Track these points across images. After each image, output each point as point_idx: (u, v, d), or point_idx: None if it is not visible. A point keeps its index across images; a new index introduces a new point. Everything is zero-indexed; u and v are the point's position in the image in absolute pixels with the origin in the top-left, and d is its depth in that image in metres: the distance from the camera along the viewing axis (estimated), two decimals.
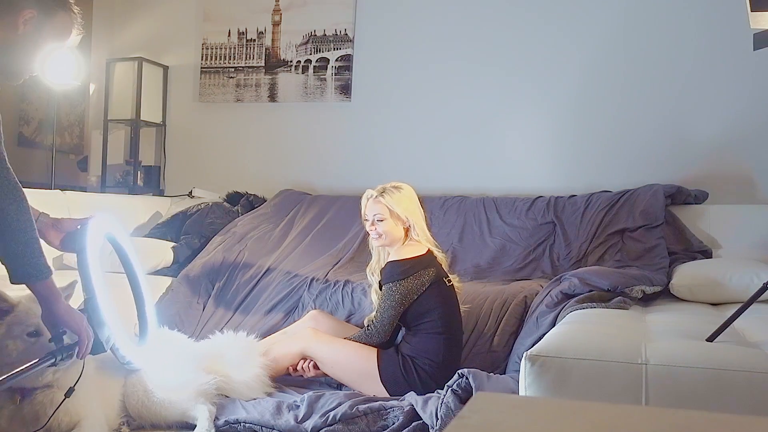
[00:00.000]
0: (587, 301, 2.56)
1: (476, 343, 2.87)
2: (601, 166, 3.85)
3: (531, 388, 1.67)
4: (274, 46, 4.56)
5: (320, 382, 2.76)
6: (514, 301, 2.94)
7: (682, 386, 1.57)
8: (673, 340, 1.84)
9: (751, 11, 1.84)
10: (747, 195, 3.60)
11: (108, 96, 4.68)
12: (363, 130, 4.35)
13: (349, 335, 2.76)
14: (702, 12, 3.73)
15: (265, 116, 4.58)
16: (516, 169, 4.01)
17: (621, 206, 3.50)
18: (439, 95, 4.17)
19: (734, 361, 1.60)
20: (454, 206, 3.82)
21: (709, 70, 3.71)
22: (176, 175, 4.72)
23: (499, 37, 4.08)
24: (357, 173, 4.25)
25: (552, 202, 3.66)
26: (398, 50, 4.28)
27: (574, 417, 0.80)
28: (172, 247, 3.75)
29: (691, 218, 3.46)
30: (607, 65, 3.89)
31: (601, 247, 3.39)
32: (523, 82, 4.03)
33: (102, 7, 4.91)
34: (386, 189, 2.78)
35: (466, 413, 0.78)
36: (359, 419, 2.27)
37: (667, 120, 3.77)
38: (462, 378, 2.29)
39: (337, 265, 3.60)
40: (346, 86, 4.38)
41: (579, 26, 3.94)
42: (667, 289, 2.95)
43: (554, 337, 1.90)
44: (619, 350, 1.69)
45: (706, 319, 2.31)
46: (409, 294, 2.64)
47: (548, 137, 4.00)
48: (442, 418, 2.18)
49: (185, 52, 4.75)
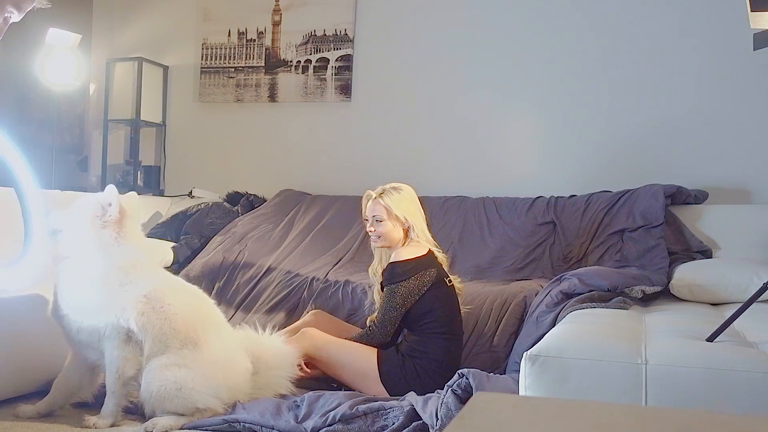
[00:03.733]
0: (587, 301, 2.56)
1: (476, 343, 2.87)
2: (601, 166, 3.85)
3: (531, 388, 1.67)
4: (274, 46, 4.56)
5: (320, 382, 2.76)
6: (514, 301, 2.94)
7: (682, 386, 1.57)
8: (673, 340, 1.84)
9: (751, 11, 1.84)
10: (747, 195, 3.60)
11: (108, 96, 4.68)
12: (363, 130, 4.35)
13: (349, 335, 2.77)
14: (702, 12, 3.73)
15: (265, 116, 4.58)
16: (516, 169, 4.01)
17: (621, 206, 3.50)
18: (439, 95, 4.17)
19: (734, 361, 1.60)
20: (454, 206, 3.82)
21: (709, 70, 3.71)
22: (176, 175, 4.72)
23: (499, 38, 4.08)
24: (357, 173, 4.24)
25: (552, 202, 3.66)
26: (398, 50, 4.28)
27: (574, 417, 0.80)
28: (172, 247, 3.76)
29: (691, 218, 3.46)
30: (607, 65, 3.89)
31: (601, 247, 3.38)
32: (523, 82, 4.03)
33: (102, 7, 4.91)
34: (386, 190, 2.79)
35: (466, 413, 0.79)
36: (359, 419, 2.27)
37: (667, 120, 3.77)
38: (462, 378, 2.29)
39: (337, 265, 3.60)
40: (346, 86, 4.38)
41: (579, 26, 3.94)
42: (667, 289, 2.95)
43: (554, 337, 1.90)
44: (619, 350, 1.69)
45: (706, 319, 2.31)
46: (410, 295, 2.64)
47: (548, 137, 4.00)
48: (442, 418, 2.18)
49: (185, 52, 4.75)
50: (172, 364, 2.26)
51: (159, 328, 2.29)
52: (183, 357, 2.28)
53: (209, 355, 2.33)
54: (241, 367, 2.45)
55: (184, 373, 2.25)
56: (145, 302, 2.30)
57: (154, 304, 2.31)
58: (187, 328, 2.32)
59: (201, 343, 2.33)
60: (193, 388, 2.24)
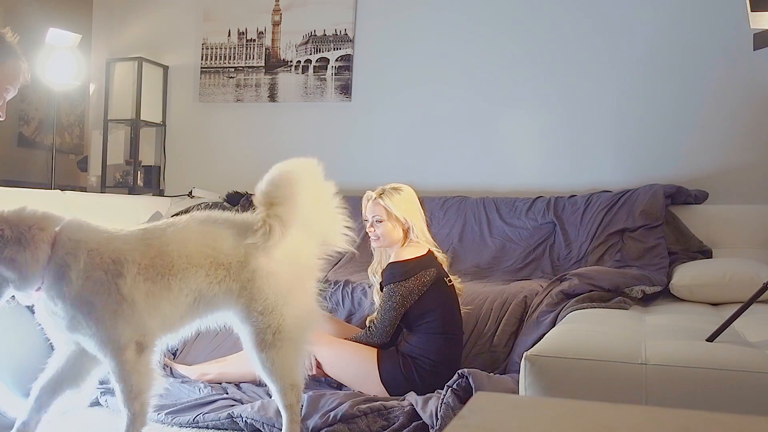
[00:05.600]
0: (587, 301, 2.56)
1: (476, 343, 2.87)
2: (601, 166, 3.85)
3: (531, 388, 1.67)
4: (274, 46, 4.56)
5: (320, 382, 2.76)
6: (514, 301, 2.94)
7: (682, 386, 1.57)
8: (673, 340, 1.84)
9: (751, 11, 1.84)
10: (747, 195, 3.60)
11: (108, 96, 4.68)
12: (363, 130, 4.35)
13: (349, 335, 2.77)
14: (702, 12, 3.73)
15: (265, 116, 4.58)
16: (516, 169, 4.01)
17: (621, 206, 3.50)
18: (439, 95, 4.17)
19: (734, 361, 1.60)
20: (454, 206, 3.82)
21: (709, 70, 3.71)
22: (176, 175, 4.72)
23: (498, 37, 4.08)
24: (357, 173, 4.24)
25: (552, 202, 3.66)
26: (398, 50, 4.28)
27: (574, 417, 0.80)
28: None
29: (691, 218, 3.46)
30: (607, 65, 3.88)
31: (601, 247, 3.38)
32: (524, 81, 4.03)
33: (102, 7, 4.91)
34: (385, 191, 2.79)
35: (466, 413, 0.79)
36: (359, 419, 2.27)
37: (667, 120, 3.77)
38: (462, 378, 2.30)
39: (337, 265, 3.59)
40: (346, 86, 4.38)
41: (579, 27, 3.94)
42: (667, 289, 2.95)
43: (554, 337, 1.90)
44: (619, 350, 1.69)
45: (706, 319, 2.31)
46: (410, 295, 2.64)
47: (548, 137, 4.00)
48: (442, 418, 2.19)
49: (185, 52, 4.75)
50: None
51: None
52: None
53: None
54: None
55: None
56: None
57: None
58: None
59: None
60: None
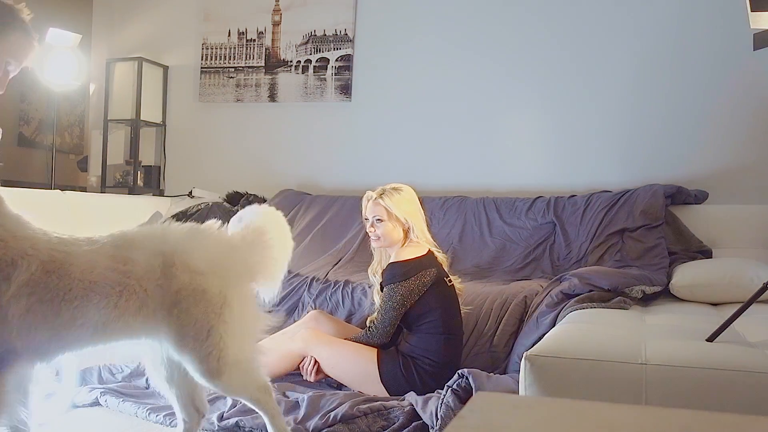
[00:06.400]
0: (587, 301, 2.56)
1: (476, 343, 2.87)
2: (601, 166, 3.85)
3: (531, 388, 1.67)
4: (274, 46, 4.56)
5: (321, 383, 2.76)
6: (514, 301, 2.94)
7: (682, 386, 1.57)
8: (672, 340, 1.84)
9: (751, 11, 1.84)
10: (747, 195, 3.60)
11: (108, 96, 4.68)
12: (363, 130, 4.35)
13: (349, 335, 2.77)
14: (702, 13, 3.72)
15: (265, 116, 4.58)
16: (516, 169, 4.01)
17: (621, 206, 3.50)
18: (439, 95, 4.17)
19: (734, 361, 1.60)
20: (454, 206, 3.82)
21: (709, 70, 3.71)
22: (176, 175, 4.72)
23: (498, 38, 4.08)
24: (357, 173, 4.25)
25: (552, 202, 3.66)
26: (398, 50, 4.28)
27: (574, 417, 0.80)
28: None
29: (691, 218, 3.46)
30: (607, 65, 3.88)
31: (601, 247, 3.38)
32: (523, 82, 4.03)
33: (102, 7, 4.91)
34: (386, 191, 2.78)
35: (466, 413, 0.79)
36: (360, 419, 2.27)
37: (667, 120, 3.77)
38: (462, 378, 2.29)
39: (337, 265, 3.60)
40: (346, 86, 4.38)
41: (579, 27, 3.94)
42: (667, 289, 2.94)
43: (554, 337, 1.90)
44: (619, 350, 1.69)
45: (706, 319, 2.31)
46: (410, 295, 2.64)
47: (548, 137, 4.00)
48: (442, 418, 2.18)
49: (185, 52, 4.76)
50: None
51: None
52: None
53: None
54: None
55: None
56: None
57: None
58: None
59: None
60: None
